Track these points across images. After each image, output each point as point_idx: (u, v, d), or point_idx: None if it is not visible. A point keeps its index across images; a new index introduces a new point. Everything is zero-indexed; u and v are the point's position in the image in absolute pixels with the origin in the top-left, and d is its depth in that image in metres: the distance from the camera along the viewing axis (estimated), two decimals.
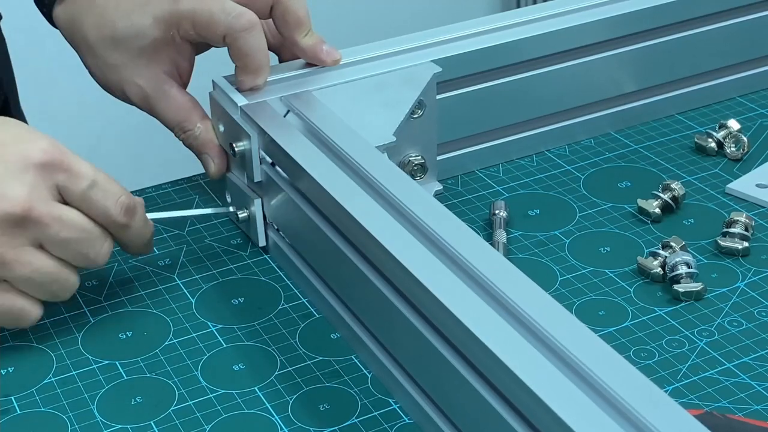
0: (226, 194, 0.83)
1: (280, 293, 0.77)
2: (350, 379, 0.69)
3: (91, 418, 0.67)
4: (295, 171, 0.74)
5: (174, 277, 0.79)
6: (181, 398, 0.68)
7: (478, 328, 0.58)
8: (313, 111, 0.78)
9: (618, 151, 0.90)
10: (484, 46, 0.85)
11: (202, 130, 0.81)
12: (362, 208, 0.68)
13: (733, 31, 0.94)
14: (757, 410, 0.65)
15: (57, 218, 0.69)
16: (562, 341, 0.56)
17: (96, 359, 0.72)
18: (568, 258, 0.78)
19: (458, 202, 0.84)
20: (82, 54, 0.85)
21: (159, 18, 0.79)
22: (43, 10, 0.87)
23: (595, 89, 0.91)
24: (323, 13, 1.35)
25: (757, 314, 0.72)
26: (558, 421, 0.52)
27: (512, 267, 0.62)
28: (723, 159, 0.88)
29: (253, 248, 0.81)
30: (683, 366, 0.68)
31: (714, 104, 0.96)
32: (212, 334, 0.73)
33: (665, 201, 0.82)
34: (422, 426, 0.65)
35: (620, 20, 0.89)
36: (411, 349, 0.65)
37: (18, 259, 0.68)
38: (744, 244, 0.78)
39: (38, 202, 0.68)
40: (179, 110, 0.81)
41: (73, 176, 0.70)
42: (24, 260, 0.69)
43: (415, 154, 0.83)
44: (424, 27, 0.87)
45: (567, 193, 0.85)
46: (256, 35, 0.78)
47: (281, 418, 0.66)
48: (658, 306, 0.74)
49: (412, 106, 0.80)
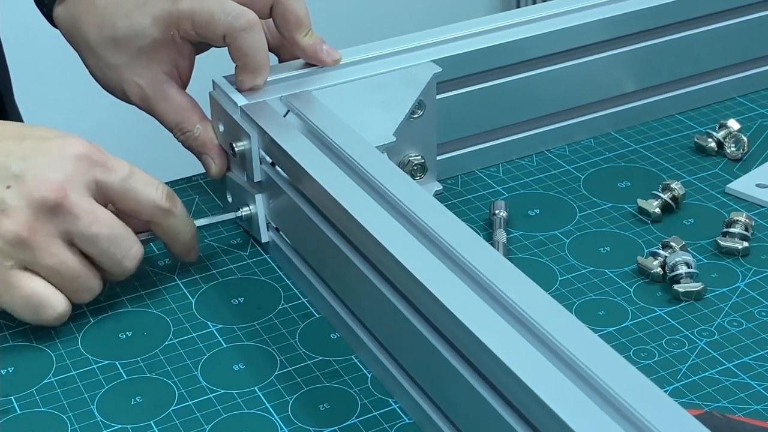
0: (227, 194, 0.83)
1: (280, 293, 0.77)
2: (350, 379, 0.69)
3: (91, 418, 0.67)
4: (295, 171, 0.74)
5: (174, 277, 0.79)
6: (181, 398, 0.68)
7: (478, 328, 0.58)
8: (313, 111, 0.78)
9: (618, 151, 0.90)
10: (484, 46, 0.85)
11: (201, 131, 0.81)
12: (362, 208, 0.68)
13: (733, 31, 0.94)
14: (757, 410, 0.65)
15: (89, 211, 0.70)
16: (562, 341, 0.56)
17: (96, 359, 0.72)
18: (568, 258, 0.78)
19: (458, 202, 0.84)
20: (82, 54, 0.85)
21: (159, 18, 0.79)
22: (43, 10, 0.87)
23: (595, 89, 0.91)
24: (323, 13, 1.35)
25: (757, 314, 0.72)
26: (558, 421, 0.52)
27: (512, 267, 0.62)
28: (723, 159, 0.88)
29: (253, 248, 0.81)
30: (683, 366, 0.68)
31: (714, 104, 0.96)
32: (212, 334, 0.73)
33: (665, 201, 0.82)
34: (422, 426, 0.65)
35: (620, 20, 0.89)
36: (411, 349, 0.65)
37: (47, 247, 0.69)
38: (744, 244, 0.78)
39: (73, 192, 0.70)
40: (178, 111, 0.81)
41: (110, 168, 0.72)
42: (52, 250, 0.70)
43: (414, 154, 0.83)
44: (424, 27, 0.87)
45: (567, 193, 0.85)
46: (255, 35, 0.78)
47: (281, 418, 0.66)
48: (658, 306, 0.74)
49: (412, 106, 0.80)
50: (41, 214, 0.69)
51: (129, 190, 0.72)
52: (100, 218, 0.71)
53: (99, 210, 0.71)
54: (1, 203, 0.69)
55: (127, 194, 0.73)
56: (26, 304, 0.71)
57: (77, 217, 0.70)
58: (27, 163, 0.70)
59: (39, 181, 0.69)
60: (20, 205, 0.69)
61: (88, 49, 0.83)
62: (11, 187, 0.69)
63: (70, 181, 0.70)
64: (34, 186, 0.69)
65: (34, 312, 0.71)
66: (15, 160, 0.70)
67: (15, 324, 0.74)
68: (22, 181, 0.69)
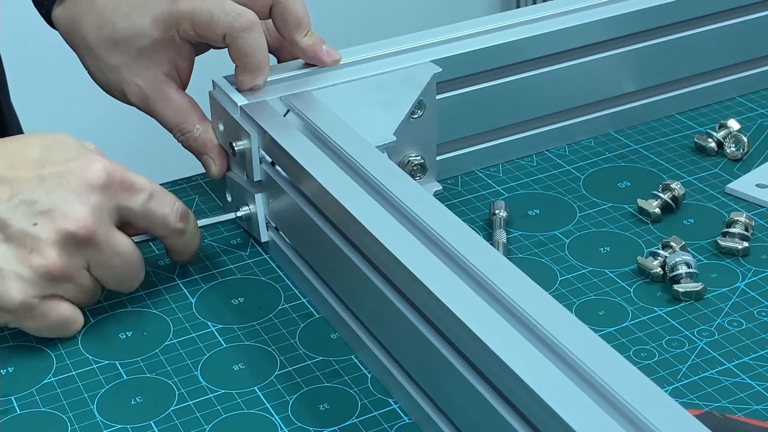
0: (227, 194, 0.83)
1: (280, 293, 0.77)
2: (350, 379, 0.69)
3: (91, 418, 0.67)
4: (295, 171, 0.74)
5: (174, 277, 0.79)
6: (181, 398, 0.68)
7: (478, 327, 0.58)
8: (313, 111, 0.78)
9: (618, 151, 0.90)
10: (484, 46, 0.85)
11: (201, 131, 0.81)
12: (362, 208, 0.68)
13: (733, 31, 0.94)
14: (757, 410, 0.65)
15: (113, 245, 0.72)
16: (562, 341, 0.56)
17: (96, 359, 0.72)
18: (568, 258, 0.78)
19: (458, 202, 0.84)
20: (81, 55, 0.85)
21: (158, 18, 0.79)
22: (42, 11, 0.87)
23: (595, 89, 0.91)
24: (323, 13, 1.35)
25: (757, 314, 0.72)
26: (558, 421, 0.52)
27: (512, 267, 0.62)
28: (723, 159, 0.88)
29: (253, 248, 0.81)
30: (683, 366, 0.68)
31: (714, 104, 0.96)
32: (212, 334, 0.73)
33: (665, 201, 0.82)
34: (422, 426, 0.65)
35: (620, 20, 0.89)
36: (411, 349, 0.65)
37: (73, 277, 0.71)
38: (744, 244, 0.78)
39: (100, 225, 0.71)
40: (178, 111, 0.81)
41: (133, 193, 0.72)
42: (77, 280, 0.71)
43: (414, 154, 0.83)
44: (424, 27, 0.87)
45: (567, 193, 0.85)
46: (255, 35, 0.78)
47: (281, 418, 0.66)
48: (658, 306, 0.74)
49: (412, 106, 0.80)
50: (69, 248, 0.70)
51: (147, 212, 0.73)
52: (120, 252, 0.72)
53: (120, 242, 0.72)
54: (30, 240, 0.69)
55: (145, 217, 0.74)
56: (51, 329, 0.72)
57: (102, 251, 0.71)
58: (51, 199, 0.70)
59: (66, 218, 0.70)
60: (49, 241, 0.69)
61: (88, 50, 0.83)
62: (38, 224, 0.69)
63: (96, 214, 0.71)
64: (62, 222, 0.70)
65: (58, 333, 0.73)
66: (40, 195, 0.70)
67: None
68: (49, 218, 0.70)
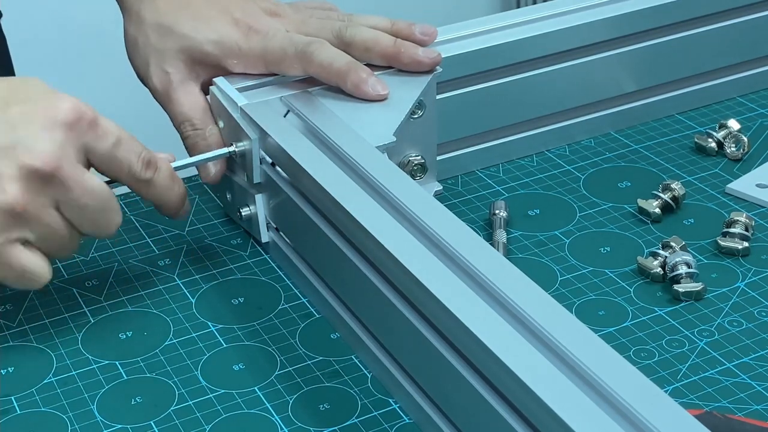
0: (227, 193, 0.83)
1: (280, 293, 0.77)
2: (350, 379, 0.69)
3: (91, 418, 0.67)
4: (296, 171, 0.74)
5: (174, 277, 0.79)
6: (181, 398, 0.68)
7: (478, 328, 0.58)
8: (313, 111, 0.78)
9: (618, 151, 0.90)
10: (484, 46, 0.85)
11: (213, 133, 0.81)
12: (362, 208, 0.68)
13: (733, 31, 0.94)
14: (757, 410, 0.65)
15: (81, 183, 0.69)
16: (562, 341, 0.56)
17: (96, 359, 0.72)
18: (568, 258, 0.78)
19: (458, 202, 0.84)
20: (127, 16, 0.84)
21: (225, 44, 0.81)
22: None
23: (595, 89, 0.91)
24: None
25: (757, 314, 0.72)
26: (558, 421, 0.52)
27: (512, 267, 0.62)
28: (723, 159, 0.88)
29: (253, 248, 0.81)
30: (683, 366, 0.68)
31: (714, 104, 0.96)
32: (212, 334, 0.73)
33: (665, 201, 0.82)
34: (422, 426, 0.65)
35: (620, 20, 0.89)
36: (411, 349, 0.65)
37: (39, 217, 0.69)
38: (744, 244, 0.78)
39: (66, 162, 0.69)
40: (195, 106, 0.81)
41: (100, 135, 0.70)
42: (43, 220, 0.69)
43: (414, 154, 0.83)
44: None
45: (567, 193, 0.85)
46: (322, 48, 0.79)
47: (281, 418, 0.66)
48: (658, 306, 0.74)
49: (412, 106, 0.80)
50: (33, 184, 0.68)
51: (113, 159, 0.71)
52: (90, 189, 0.70)
53: (90, 180, 0.70)
54: None
55: (110, 163, 0.71)
56: (17, 277, 0.70)
57: (69, 189, 0.69)
58: (16, 134, 0.68)
59: (30, 153, 0.67)
60: (12, 177, 0.67)
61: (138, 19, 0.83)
62: (1, 159, 0.67)
63: (61, 150, 0.68)
64: (25, 157, 0.67)
65: (24, 284, 0.70)
66: (3, 130, 0.68)
67: (15, 324, 0.75)
68: (12, 153, 0.67)
